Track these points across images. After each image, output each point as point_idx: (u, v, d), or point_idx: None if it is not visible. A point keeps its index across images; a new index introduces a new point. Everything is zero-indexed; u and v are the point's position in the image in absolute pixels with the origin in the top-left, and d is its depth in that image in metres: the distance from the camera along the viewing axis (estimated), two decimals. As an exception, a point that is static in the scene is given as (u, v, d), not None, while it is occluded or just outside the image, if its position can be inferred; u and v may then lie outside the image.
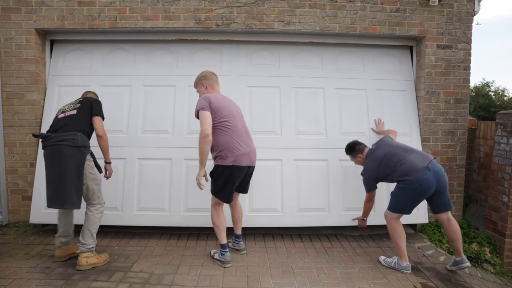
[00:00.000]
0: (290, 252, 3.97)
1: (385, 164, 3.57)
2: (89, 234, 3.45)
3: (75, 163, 3.26)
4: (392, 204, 3.56)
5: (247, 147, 3.41)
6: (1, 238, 4.16)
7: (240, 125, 3.41)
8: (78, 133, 3.30)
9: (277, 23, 4.29)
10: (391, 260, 3.65)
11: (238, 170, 3.37)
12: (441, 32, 4.41)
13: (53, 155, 3.25)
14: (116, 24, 4.29)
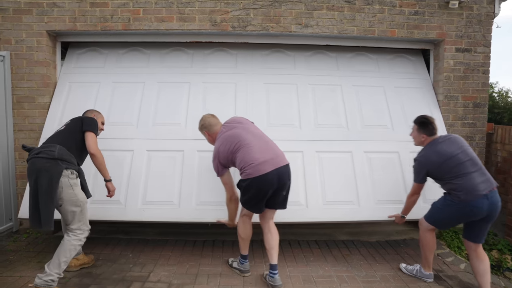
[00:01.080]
0: (309, 260, 3.89)
1: (447, 166, 3.10)
2: (57, 263, 2.95)
3: (47, 177, 2.84)
4: (431, 215, 3.32)
5: (267, 154, 3.12)
6: (12, 245, 4.06)
7: (251, 139, 3.16)
8: (57, 145, 2.98)
9: (295, 26, 4.21)
10: (412, 268, 3.58)
11: (263, 180, 3.05)
12: (460, 35, 4.34)
13: (29, 169, 2.93)
14: (129, 26, 4.19)
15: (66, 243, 2.99)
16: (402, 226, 4.83)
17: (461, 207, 3.06)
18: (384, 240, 4.45)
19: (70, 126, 3.18)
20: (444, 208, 3.19)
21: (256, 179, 3.03)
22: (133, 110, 4.31)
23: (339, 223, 4.95)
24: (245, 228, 3.35)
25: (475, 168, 3.07)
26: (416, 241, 4.39)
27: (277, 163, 3.08)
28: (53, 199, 2.86)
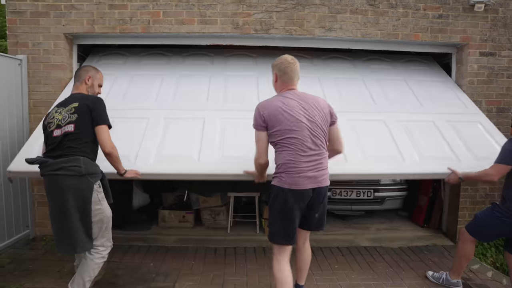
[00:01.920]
0: (334, 268, 3.83)
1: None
2: (81, 283, 2.74)
3: (79, 196, 2.58)
4: (475, 227, 3.19)
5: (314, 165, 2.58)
6: (29, 253, 3.97)
7: (306, 137, 2.55)
8: (80, 157, 2.60)
9: (318, 29, 4.13)
10: (439, 276, 3.51)
11: (298, 195, 2.56)
12: (484, 39, 4.28)
13: (51, 188, 2.62)
14: (149, 28, 4.09)
15: (89, 262, 2.75)
16: (424, 232, 4.78)
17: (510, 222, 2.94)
18: (406, 246, 4.40)
19: (79, 125, 2.65)
20: (491, 220, 3.05)
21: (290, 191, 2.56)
22: (150, 95, 4.05)
23: (368, 212, 5.10)
24: (281, 269, 2.62)
25: None
26: (439, 248, 4.34)
27: (319, 183, 2.61)
28: (90, 218, 2.65)
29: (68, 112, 2.69)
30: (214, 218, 4.84)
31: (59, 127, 2.67)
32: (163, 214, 4.82)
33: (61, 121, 2.67)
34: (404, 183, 5.08)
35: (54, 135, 2.67)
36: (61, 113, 2.72)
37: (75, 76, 2.94)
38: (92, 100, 2.73)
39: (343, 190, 4.89)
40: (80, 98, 2.75)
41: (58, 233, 2.66)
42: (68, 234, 2.61)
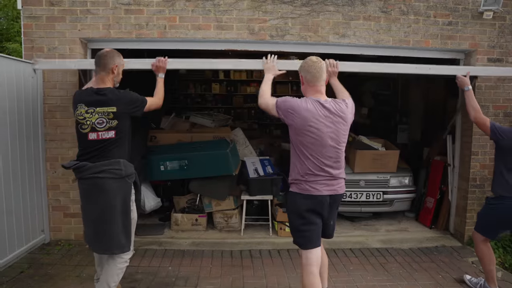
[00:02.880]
0: (349, 269, 3.91)
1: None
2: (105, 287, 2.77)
3: (121, 198, 2.67)
4: (479, 224, 3.41)
5: (332, 181, 2.63)
6: (46, 258, 3.97)
7: (328, 156, 2.58)
8: (120, 160, 2.68)
9: (332, 36, 4.20)
10: (477, 282, 3.54)
11: (320, 202, 2.62)
12: (492, 46, 4.40)
13: (92, 191, 2.66)
14: (165, 33, 4.11)
15: (112, 267, 2.75)
16: (432, 233, 4.90)
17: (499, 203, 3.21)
18: (416, 247, 4.50)
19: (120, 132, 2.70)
20: (488, 211, 3.32)
21: (308, 197, 2.62)
22: None
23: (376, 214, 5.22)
24: (311, 282, 2.61)
25: None
26: (448, 249, 4.46)
27: (335, 190, 2.67)
28: (130, 218, 2.74)
29: (106, 116, 2.66)
30: (226, 221, 4.89)
31: (94, 131, 2.65)
32: (176, 217, 4.85)
33: (96, 125, 2.66)
34: (412, 185, 5.19)
35: (89, 138, 2.67)
36: (93, 114, 2.66)
37: (99, 64, 2.77)
38: (125, 102, 2.73)
39: (353, 192, 4.98)
40: (115, 101, 2.69)
41: (96, 235, 2.69)
42: (108, 236, 2.65)
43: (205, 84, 9.28)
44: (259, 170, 4.90)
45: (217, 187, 4.74)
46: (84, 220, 2.78)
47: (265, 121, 9.41)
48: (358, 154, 4.99)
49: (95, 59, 2.82)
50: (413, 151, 6.29)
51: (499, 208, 3.24)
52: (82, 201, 2.77)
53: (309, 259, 2.65)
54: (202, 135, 5.07)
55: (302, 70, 2.68)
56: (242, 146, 5.46)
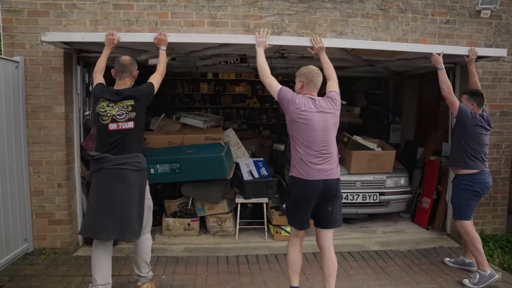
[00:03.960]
0: (349, 274, 3.80)
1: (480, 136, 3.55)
2: (145, 265, 3.20)
3: (139, 189, 2.97)
4: (461, 209, 3.61)
5: (322, 164, 2.86)
6: (30, 269, 3.72)
7: (317, 144, 2.86)
8: (140, 154, 2.99)
9: (330, 33, 4.09)
10: (475, 277, 3.54)
11: (310, 187, 2.85)
12: (488, 45, 4.37)
13: (113, 181, 2.89)
14: (157, 30, 3.89)
15: (143, 247, 3.15)
16: (429, 234, 4.84)
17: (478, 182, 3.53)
18: (414, 249, 4.43)
19: (139, 122, 2.99)
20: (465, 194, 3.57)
21: (303, 182, 2.88)
22: None
23: (371, 215, 5.18)
24: (292, 249, 3.04)
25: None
26: (446, 250, 4.41)
27: (327, 176, 2.87)
28: (143, 207, 3.02)
29: (125, 109, 2.95)
30: (220, 225, 4.72)
31: (114, 121, 2.92)
32: (167, 222, 4.65)
33: (117, 117, 2.92)
34: (408, 186, 5.13)
35: (109, 128, 2.91)
36: (113, 108, 2.94)
37: (122, 70, 3.04)
38: (141, 95, 3.01)
39: (349, 194, 4.88)
40: (134, 95, 2.98)
41: (113, 221, 2.84)
42: (126, 222, 2.87)
43: (193, 83, 9.06)
44: (254, 172, 4.75)
45: (210, 190, 4.56)
46: (97, 208, 2.91)
47: (255, 121, 9.26)
48: (354, 155, 4.89)
49: (119, 65, 3.07)
50: (406, 151, 6.25)
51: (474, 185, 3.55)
52: (99, 191, 2.93)
53: (295, 236, 3.07)
54: (194, 137, 4.88)
55: (303, 76, 3.00)
56: (235, 147, 5.29)
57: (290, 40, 3.62)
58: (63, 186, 3.98)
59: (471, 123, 3.50)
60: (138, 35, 3.60)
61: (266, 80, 3.07)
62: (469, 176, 3.57)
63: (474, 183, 3.56)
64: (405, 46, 3.82)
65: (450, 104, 3.58)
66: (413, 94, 6.39)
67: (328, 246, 3.01)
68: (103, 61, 3.20)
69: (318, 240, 3.07)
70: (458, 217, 3.65)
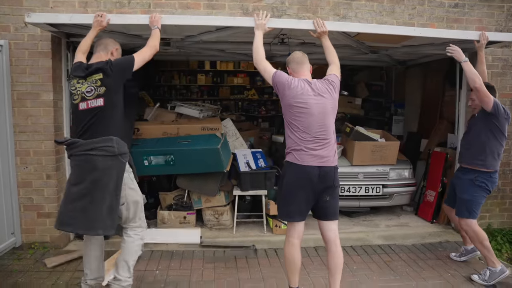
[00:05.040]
0: (352, 269, 3.64)
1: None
2: (125, 266, 2.77)
3: (113, 176, 2.58)
4: (472, 209, 3.40)
5: (318, 150, 2.74)
6: (17, 264, 3.55)
7: (314, 129, 2.73)
8: (113, 137, 2.59)
9: (332, 17, 3.90)
10: (484, 274, 3.39)
11: (306, 172, 2.71)
12: (499, 30, 4.19)
13: (82, 168, 2.57)
14: (150, 12, 3.70)
15: (130, 245, 2.78)
16: (434, 227, 4.68)
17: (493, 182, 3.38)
18: (419, 243, 4.27)
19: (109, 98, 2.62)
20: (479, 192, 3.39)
21: (298, 167, 2.74)
22: None
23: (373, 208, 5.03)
24: (289, 252, 2.84)
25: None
26: (452, 244, 4.24)
27: (322, 162, 2.74)
28: (119, 199, 2.64)
29: (94, 84, 2.62)
30: (217, 218, 4.54)
31: (84, 100, 2.62)
32: (162, 215, 4.47)
33: (86, 94, 2.62)
34: (412, 178, 4.96)
35: (80, 108, 2.64)
36: (83, 84, 2.65)
37: (98, 45, 2.84)
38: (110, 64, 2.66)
39: (352, 186, 4.70)
40: (101, 67, 2.64)
41: (82, 213, 2.54)
42: (97, 214, 2.53)
43: (190, 75, 8.85)
44: (251, 164, 4.57)
45: (207, 182, 4.38)
46: (68, 199, 2.61)
47: (253, 113, 9.07)
48: (357, 146, 4.71)
49: (95, 43, 2.88)
50: (409, 143, 6.08)
51: (489, 184, 3.37)
52: (68, 181, 2.70)
53: (291, 231, 2.86)
54: (190, 127, 4.68)
55: (288, 63, 2.97)
56: (233, 138, 5.10)
57: (291, 23, 3.40)
58: (52, 177, 3.79)
59: (503, 117, 3.25)
60: (130, 17, 3.36)
61: (261, 65, 2.91)
62: (487, 174, 3.35)
63: (490, 182, 3.37)
64: (412, 30, 3.61)
65: (483, 97, 3.19)
66: (416, 84, 6.19)
67: (333, 239, 2.86)
68: (87, 41, 2.92)
69: (322, 234, 2.91)
70: (466, 215, 3.40)
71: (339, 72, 2.97)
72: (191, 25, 3.41)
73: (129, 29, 3.65)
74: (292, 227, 2.85)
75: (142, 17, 3.20)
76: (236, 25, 3.35)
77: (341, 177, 2.89)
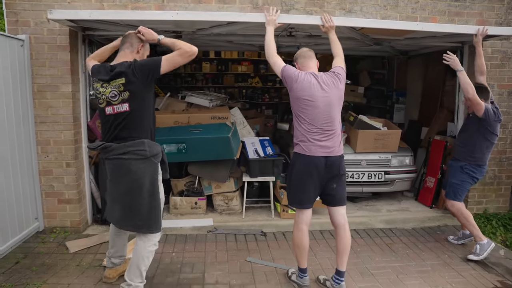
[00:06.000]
0: (356, 251, 3.86)
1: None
2: (137, 272, 2.72)
3: (147, 178, 2.64)
4: (457, 192, 3.76)
5: (324, 141, 2.87)
6: (42, 247, 3.78)
7: (320, 121, 2.85)
8: (145, 141, 2.63)
9: (338, 11, 4.03)
10: (476, 250, 3.68)
11: (314, 163, 2.85)
12: (499, 23, 4.32)
13: (118, 171, 2.66)
14: (164, 7, 3.84)
15: (141, 250, 2.72)
16: (433, 212, 4.92)
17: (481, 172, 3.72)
18: (419, 227, 4.51)
19: (134, 104, 2.59)
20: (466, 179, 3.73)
21: (310, 158, 2.87)
22: None
23: (375, 194, 5.23)
24: (299, 237, 3.01)
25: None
26: (450, 228, 4.48)
27: (329, 152, 2.89)
28: (158, 199, 2.73)
29: (117, 89, 2.60)
30: (227, 203, 4.76)
31: (109, 104, 2.63)
32: (175, 201, 4.70)
33: (111, 99, 2.63)
34: (413, 165, 5.17)
35: (106, 113, 2.66)
36: (106, 88, 2.64)
37: (123, 42, 2.78)
38: (133, 68, 2.58)
39: (355, 172, 4.92)
40: (124, 71, 2.58)
41: (124, 213, 2.68)
42: (137, 215, 2.63)
43: (195, 63, 8.96)
44: (259, 151, 4.77)
45: (217, 169, 4.59)
46: (110, 200, 2.79)
47: (257, 100, 9.22)
48: (360, 134, 4.91)
49: (122, 38, 2.84)
50: (410, 131, 6.27)
51: (477, 173, 3.72)
52: (108, 181, 2.77)
53: (300, 218, 3.02)
54: (200, 116, 4.86)
55: (296, 58, 3.11)
56: (240, 126, 5.29)
57: (300, 19, 3.55)
58: (71, 165, 3.99)
59: (493, 120, 3.53)
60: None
61: (272, 59, 3.03)
62: (477, 165, 3.69)
63: (478, 172, 3.72)
64: (416, 25, 3.76)
65: (475, 105, 3.46)
66: (418, 74, 6.35)
67: (343, 224, 3.03)
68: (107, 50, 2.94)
69: (332, 219, 3.09)
70: (452, 198, 3.78)
71: (344, 64, 3.10)
72: (203, 20, 3.57)
73: (144, 23, 3.78)
74: (301, 214, 3.01)
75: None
76: (247, 21, 3.49)
77: (345, 164, 3.03)
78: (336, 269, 3.08)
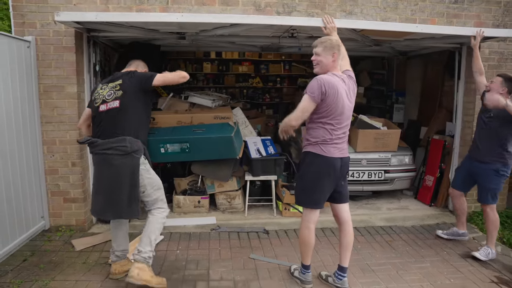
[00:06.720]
0: (357, 248, 3.94)
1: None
2: (148, 241, 3.03)
3: (128, 171, 2.90)
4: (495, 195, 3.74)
5: (340, 144, 2.97)
6: (48, 245, 3.84)
7: (342, 126, 2.93)
8: (126, 137, 2.89)
9: (339, 13, 4.10)
10: (490, 256, 3.74)
11: (332, 164, 2.92)
12: (496, 24, 4.40)
13: (101, 165, 2.96)
14: (168, 9, 3.91)
15: (153, 221, 3.07)
16: (432, 210, 4.99)
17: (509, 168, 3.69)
18: (418, 225, 4.59)
19: (125, 101, 2.91)
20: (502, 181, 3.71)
21: (329, 159, 2.91)
22: None
23: (375, 192, 5.31)
24: (308, 236, 3.07)
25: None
26: (449, 226, 4.54)
27: (342, 154, 2.99)
28: (138, 189, 2.96)
29: (114, 89, 2.96)
30: (229, 202, 4.83)
31: (104, 102, 2.95)
32: (178, 199, 4.76)
33: (106, 97, 2.95)
34: (412, 164, 5.25)
35: (100, 110, 2.94)
36: (105, 89, 3.00)
37: (129, 65, 3.22)
38: (132, 74, 3.01)
39: (355, 171, 4.99)
40: (124, 75, 3.02)
41: (107, 203, 2.94)
42: (118, 204, 2.90)
43: (196, 63, 9.03)
44: (261, 151, 4.84)
45: (220, 168, 4.66)
46: (94, 192, 3.03)
47: (258, 100, 9.29)
48: (360, 133, 4.98)
49: (128, 64, 3.25)
50: (409, 130, 6.35)
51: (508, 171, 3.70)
52: (94, 175, 3.10)
53: (309, 217, 3.06)
54: (203, 116, 4.92)
55: (338, 50, 2.92)
56: (242, 125, 5.36)
57: (303, 21, 3.64)
58: (76, 165, 4.05)
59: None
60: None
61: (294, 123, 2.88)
62: (508, 164, 3.67)
63: (509, 169, 3.71)
64: (415, 27, 3.84)
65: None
66: (417, 74, 6.43)
67: (348, 220, 3.14)
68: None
69: (337, 216, 3.17)
70: (491, 202, 3.73)
71: (351, 67, 3.19)
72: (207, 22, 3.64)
73: (149, 25, 3.86)
74: (311, 213, 3.05)
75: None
76: (251, 23, 3.57)
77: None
78: (338, 265, 3.16)
